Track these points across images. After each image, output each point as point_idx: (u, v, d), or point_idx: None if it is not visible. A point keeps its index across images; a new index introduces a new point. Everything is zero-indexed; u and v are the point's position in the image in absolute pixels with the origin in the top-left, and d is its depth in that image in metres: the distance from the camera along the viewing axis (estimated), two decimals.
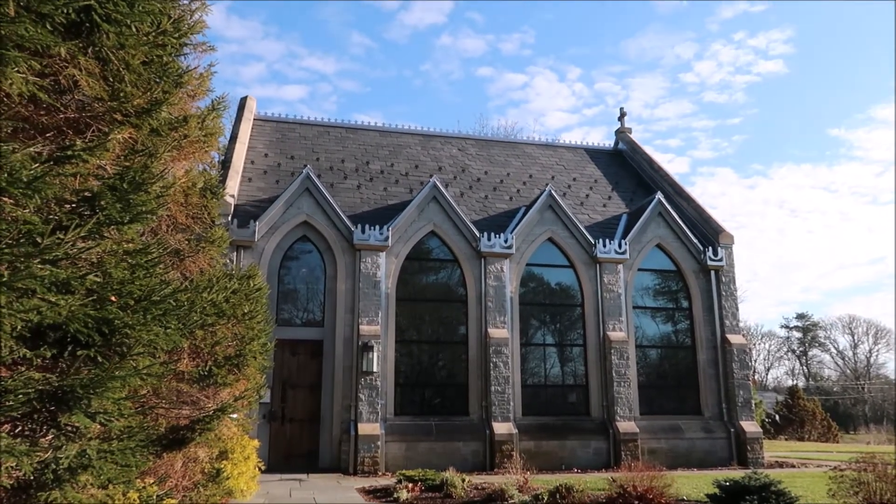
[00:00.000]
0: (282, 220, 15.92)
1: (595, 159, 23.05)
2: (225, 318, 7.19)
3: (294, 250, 16.21)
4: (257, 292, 8.22)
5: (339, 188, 18.12)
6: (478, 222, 17.75)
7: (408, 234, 16.57)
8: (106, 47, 4.35)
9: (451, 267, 17.02)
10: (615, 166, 22.95)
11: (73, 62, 4.27)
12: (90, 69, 4.39)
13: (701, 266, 18.22)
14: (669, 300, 18.46)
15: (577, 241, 17.57)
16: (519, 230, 17.21)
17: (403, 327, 16.28)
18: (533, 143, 23.69)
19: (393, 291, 16.11)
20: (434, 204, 16.93)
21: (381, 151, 20.58)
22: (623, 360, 16.79)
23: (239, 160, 17.65)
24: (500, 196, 19.47)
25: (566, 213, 17.62)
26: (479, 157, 21.59)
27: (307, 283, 16.15)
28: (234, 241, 14.84)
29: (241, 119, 19.65)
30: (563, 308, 17.66)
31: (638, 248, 17.98)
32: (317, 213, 16.13)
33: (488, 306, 16.44)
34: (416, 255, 16.80)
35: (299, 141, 20.25)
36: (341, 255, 16.03)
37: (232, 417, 8.78)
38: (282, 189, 16.97)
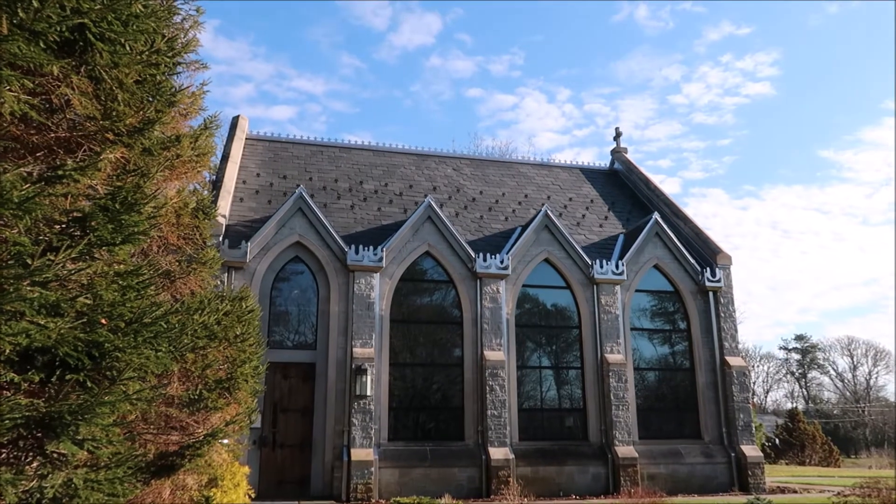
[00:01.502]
0: (274, 240, 15.89)
1: (591, 179, 23.17)
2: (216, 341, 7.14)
3: (286, 271, 16.16)
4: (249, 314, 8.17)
5: (333, 208, 18.13)
6: (473, 243, 17.77)
7: (402, 254, 16.56)
8: (99, 66, 4.35)
9: (447, 288, 16.98)
10: (611, 186, 23.06)
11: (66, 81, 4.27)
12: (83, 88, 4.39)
13: (699, 287, 18.25)
14: (667, 322, 18.45)
15: (573, 261, 17.59)
16: (515, 251, 17.22)
17: (398, 350, 16.20)
18: (528, 163, 23.82)
19: (387, 313, 16.05)
20: (429, 224, 16.95)
21: (375, 171, 20.63)
22: (621, 382, 16.73)
23: (231, 180, 17.65)
24: (496, 216, 19.52)
25: (562, 233, 17.67)
26: (474, 176, 21.68)
27: (299, 305, 16.07)
28: (226, 262, 14.79)
29: (233, 138, 19.68)
30: (560, 330, 17.62)
31: (635, 269, 18.01)
32: (310, 234, 16.11)
33: (484, 328, 16.39)
34: (411, 276, 16.77)
35: (292, 160, 20.29)
36: (334, 276, 15.98)
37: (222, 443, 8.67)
38: (274, 209, 16.97)
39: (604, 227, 20.12)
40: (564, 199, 21.32)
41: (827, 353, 63.92)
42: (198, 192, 9.22)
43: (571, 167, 23.85)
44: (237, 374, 7.61)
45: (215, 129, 8.47)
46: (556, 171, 23.29)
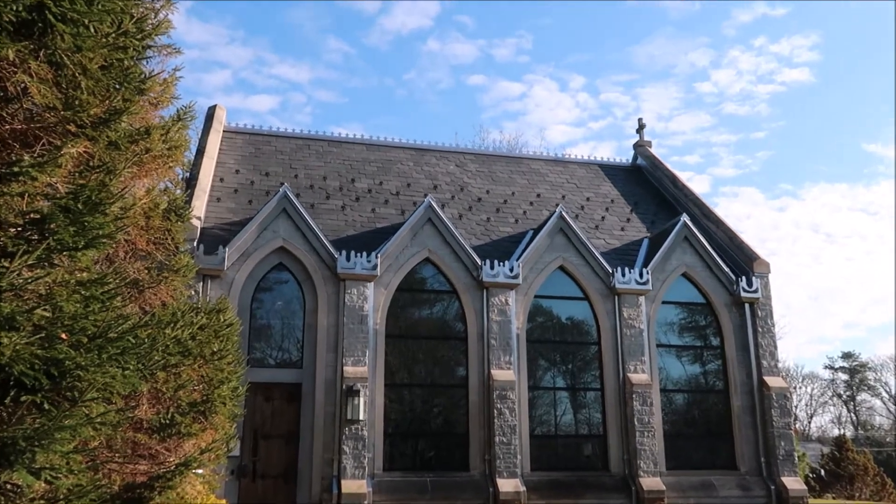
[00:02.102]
0: (255, 245, 15.92)
1: (611, 176, 23.20)
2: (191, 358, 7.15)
3: (268, 280, 16.18)
4: (228, 328, 8.19)
5: (321, 209, 18.16)
6: (479, 248, 17.78)
7: (399, 261, 16.58)
8: (60, 50, 4.38)
9: (449, 299, 16.98)
10: (634, 184, 23.08)
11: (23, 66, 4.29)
12: (42, 75, 4.42)
13: (733, 298, 18.24)
14: (698, 337, 18.42)
15: (592, 269, 17.59)
16: (526, 257, 17.24)
17: (394, 368, 16.19)
18: (540, 159, 23.86)
19: (382, 327, 16.06)
20: (429, 227, 16.97)
21: (369, 167, 20.67)
22: (646, 406, 16.71)
23: (206, 177, 17.70)
24: (504, 218, 19.54)
25: (579, 237, 17.68)
26: (480, 173, 21.72)
27: (283, 318, 16.09)
28: (201, 270, 14.82)
29: (209, 131, 19.75)
30: (577, 346, 17.59)
31: (661, 278, 18.01)
32: (295, 238, 16.14)
33: (491, 344, 16.39)
34: (409, 286, 16.77)
35: (275, 156, 20.34)
36: (323, 286, 16.00)
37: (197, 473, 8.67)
38: (255, 210, 17.01)
39: (626, 230, 20.12)
40: (581, 199, 21.33)
41: (878, 372, 63.76)
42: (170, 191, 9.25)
43: (589, 163, 23.87)
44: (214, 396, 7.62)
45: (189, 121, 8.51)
46: (572, 168, 23.32)
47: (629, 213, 21.10)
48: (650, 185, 23.14)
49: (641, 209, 21.44)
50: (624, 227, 20.22)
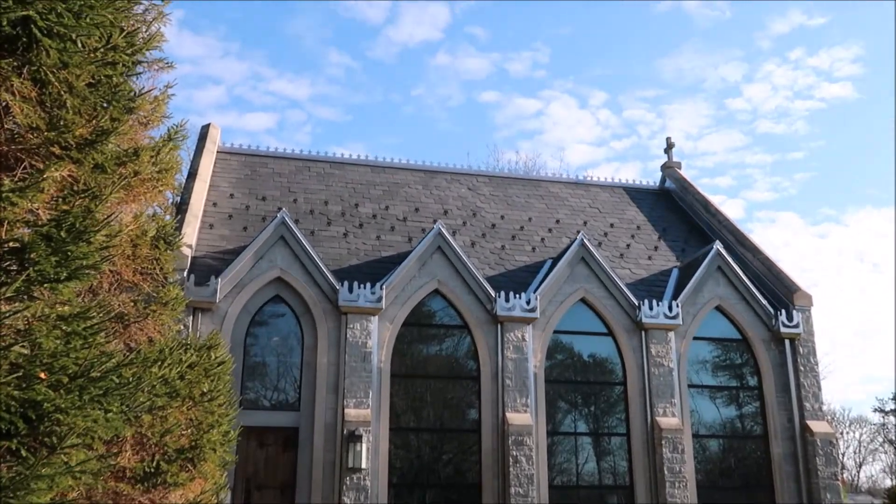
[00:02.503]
0: (250, 276, 15.96)
1: (637, 200, 23.20)
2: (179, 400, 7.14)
3: (264, 314, 16.19)
4: (219, 367, 8.18)
5: (322, 236, 18.22)
6: (493, 279, 17.77)
7: (406, 293, 16.57)
8: (45, 66, 4.44)
9: (460, 335, 16.93)
10: (662, 209, 23.06)
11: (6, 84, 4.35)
12: (25, 93, 4.47)
13: (772, 334, 18.11)
14: (733, 377, 18.26)
15: (616, 302, 17.53)
16: (544, 289, 17.20)
17: (400, 411, 16.10)
18: (560, 181, 23.91)
19: (387, 366, 16.01)
20: (439, 256, 16.99)
21: (373, 191, 20.77)
22: (677, 453, 16.52)
23: (198, 202, 17.82)
24: (521, 246, 19.54)
25: (603, 267, 17.65)
26: (494, 197, 21.77)
27: (279, 355, 16.06)
28: (191, 303, 14.85)
29: (201, 152, 19.92)
30: (600, 387, 17.47)
31: (693, 312, 17.92)
32: (293, 268, 16.18)
33: (506, 384, 16.29)
34: (417, 320, 16.74)
35: (272, 178, 20.48)
36: (323, 320, 15.99)
37: None
38: (250, 238, 17.08)
39: (653, 259, 20.07)
40: (605, 225, 21.33)
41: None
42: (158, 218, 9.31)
43: (613, 186, 23.90)
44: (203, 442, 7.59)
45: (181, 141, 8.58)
46: (595, 191, 23.35)
47: (657, 240, 21.05)
48: (680, 209, 23.11)
49: (670, 236, 21.39)
50: (651, 256, 20.17)
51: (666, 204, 23.44)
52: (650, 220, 22.16)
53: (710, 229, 21.66)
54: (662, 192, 24.23)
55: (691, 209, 22.87)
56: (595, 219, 21.67)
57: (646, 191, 24.07)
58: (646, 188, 24.25)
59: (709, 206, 22.35)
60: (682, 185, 23.79)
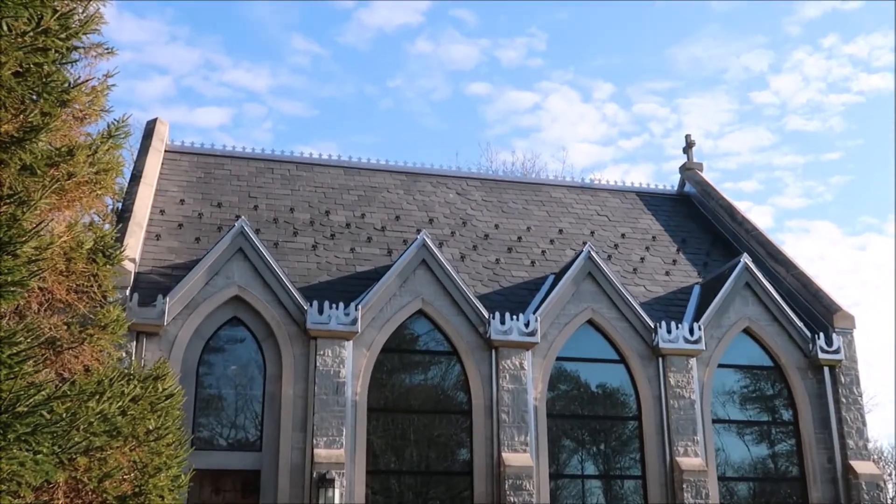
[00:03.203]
0: (203, 294, 15.89)
1: (652, 207, 23.30)
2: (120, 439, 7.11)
3: (220, 339, 16.11)
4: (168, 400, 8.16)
5: (287, 249, 18.19)
6: (486, 297, 17.77)
7: (385, 314, 16.54)
8: None
9: (448, 362, 16.89)
10: (680, 217, 23.14)
11: None
12: None
13: (809, 360, 18.17)
14: (764, 410, 18.29)
15: (629, 324, 17.55)
16: (546, 309, 17.21)
17: (378, 451, 16.04)
18: (563, 185, 23.99)
19: (363, 398, 15.96)
20: (423, 271, 16.98)
21: (347, 196, 20.77)
22: (700, 498, 16.54)
23: (143, 209, 17.77)
24: (518, 260, 19.57)
25: (613, 283, 17.68)
26: (487, 203, 21.81)
27: (238, 387, 15.98)
28: (134, 326, 14.78)
29: (147, 151, 19.88)
30: (611, 422, 17.47)
31: (717, 335, 17.96)
32: (254, 285, 16.13)
33: (502, 420, 16.27)
34: (398, 346, 16.70)
35: (229, 182, 20.45)
36: (288, 346, 15.94)
37: None
38: (204, 250, 17.03)
39: (671, 274, 20.13)
40: (615, 236, 21.39)
41: None
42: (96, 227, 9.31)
43: (624, 190, 23.99)
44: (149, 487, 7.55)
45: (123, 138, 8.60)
46: (603, 196, 23.43)
47: (675, 252, 21.12)
48: (701, 217, 23.20)
49: (691, 248, 21.46)
50: (669, 271, 20.23)
51: (685, 211, 23.53)
52: (667, 229, 22.24)
53: (736, 240, 21.75)
54: (681, 197, 24.33)
55: (714, 217, 22.96)
56: (604, 228, 21.72)
57: (662, 196, 24.16)
58: (662, 193, 24.35)
59: (735, 214, 22.46)
60: (703, 190, 23.89)
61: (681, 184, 24.77)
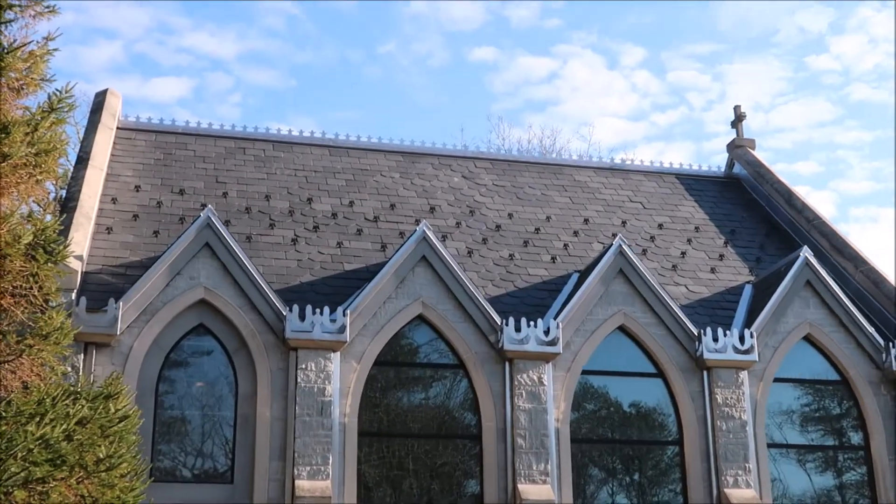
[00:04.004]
0: (163, 298, 15.87)
1: (695, 192, 23.24)
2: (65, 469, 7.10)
3: (183, 350, 16.10)
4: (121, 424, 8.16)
5: (262, 243, 18.17)
6: (498, 300, 17.75)
7: (379, 320, 16.52)
8: None
9: (454, 377, 16.89)
10: (728, 203, 23.10)
11: None
12: None
13: (882, 373, 18.12)
14: (829, 432, 18.26)
15: (668, 331, 17.52)
16: (569, 313, 17.17)
17: (371, 483, 16.05)
18: (589, 166, 23.93)
19: (353, 420, 15.95)
20: (423, 269, 16.94)
21: (334, 181, 20.74)
22: None
23: (92, 197, 17.76)
24: (536, 255, 19.54)
25: (649, 283, 17.64)
26: (499, 189, 21.77)
27: (204, 408, 15.98)
28: (82, 335, 14.75)
29: (95, 128, 19.85)
30: (647, 447, 17.47)
31: (773, 344, 17.92)
32: (223, 287, 16.11)
33: (518, 445, 16.26)
34: (394, 357, 16.70)
35: (193, 164, 20.43)
36: (264, 359, 15.92)
37: None
38: (164, 246, 17.03)
39: (718, 271, 20.09)
40: (650, 226, 21.35)
41: None
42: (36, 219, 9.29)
43: (662, 171, 23.94)
44: None
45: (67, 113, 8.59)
46: (637, 180, 23.38)
47: (723, 245, 21.07)
48: (754, 204, 23.16)
49: (741, 240, 21.42)
50: (715, 268, 20.19)
51: (734, 197, 23.48)
52: (713, 218, 22.20)
53: (794, 230, 21.72)
54: (729, 180, 24.28)
55: (769, 203, 22.91)
56: (638, 217, 21.69)
57: (706, 178, 24.10)
58: (706, 175, 24.29)
59: (793, 200, 22.40)
60: (756, 171, 23.83)
61: (728, 164, 24.73)
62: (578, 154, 28.50)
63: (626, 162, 24.38)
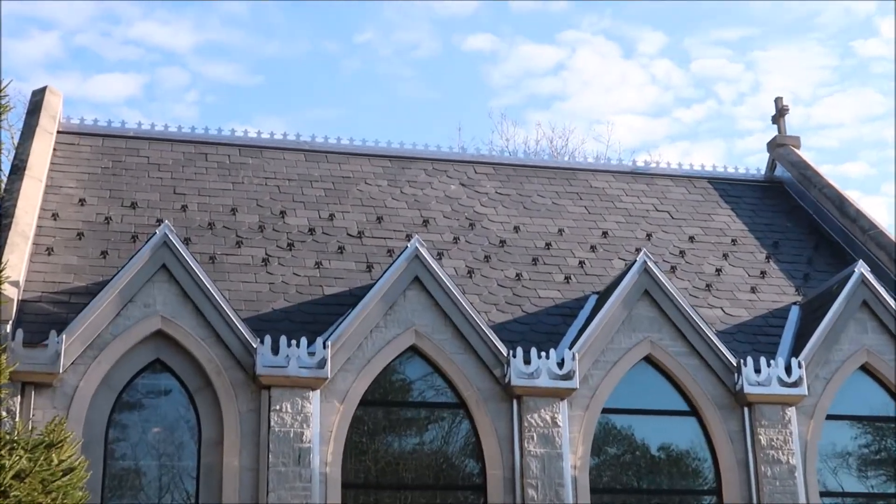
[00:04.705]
0: (113, 329, 15.84)
1: (731, 198, 23.27)
2: None
3: (137, 390, 16.07)
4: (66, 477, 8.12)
5: (228, 264, 18.16)
6: (504, 327, 17.74)
7: (365, 353, 16.49)
8: None
9: (453, 418, 16.90)
10: (771, 211, 23.15)
11: None
12: None
13: None
14: (892, 478, 18.23)
15: (702, 361, 17.50)
16: (587, 342, 17.16)
17: None
18: (608, 170, 24.00)
19: (336, 470, 15.92)
20: (416, 292, 16.93)
21: (310, 191, 20.75)
22: None
23: (29, 212, 17.75)
24: (547, 274, 19.54)
25: (679, 305, 17.63)
26: (503, 198, 21.79)
27: (162, 457, 15.97)
28: (19, 375, 14.74)
29: (32, 132, 19.85)
30: (679, 498, 17.53)
31: (825, 375, 17.91)
32: (183, 316, 16.08)
33: (529, 496, 16.23)
34: (382, 396, 16.71)
35: (147, 173, 20.41)
36: (232, 399, 15.89)
37: None
38: (114, 268, 17.00)
39: (759, 291, 20.09)
40: (680, 239, 21.36)
41: None
42: None
43: (691, 175, 23.97)
44: None
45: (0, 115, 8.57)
46: (663, 185, 23.41)
47: (764, 261, 21.10)
48: (799, 212, 23.20)
49: (786, 254, 21.45)
50: (756, 287, 20.19)
51: (776, 203, 23.53)
52: (752, 228, 22.22)
53: (848, 243, 21.74)
54: (770, 184, 24.33)
55: (817, 211, 22.92)
56: (665, 229, 21.71)
57: (744, 183, 24.16)
58: (744, 179, 24.35)
59: (845, 206, 22.43)
60: (801, 174, 23.85)
61: (769, 166, 24.78)
62: (595, 156, 28.58)
63: (651, 165, 24.38)
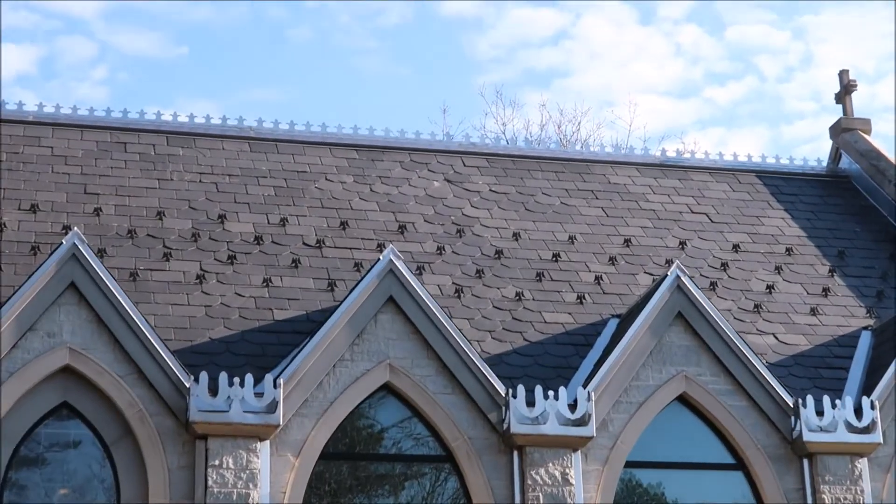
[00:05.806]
0: (8, 366, 15.81)
1: (784, 197, 23.34)
2: None
3: (39, 442, 16.06)
4: None
5: (154, 282, 18.16)
6: (501, 360, 17.76)
7: (326, 393, 16.51)
8: None
9: (436, 474, 16.97)
10: (835, 212, 23.25)
11: None
12: None
13: None
14: None
15: (750, 400, 17.56)
16: (605, 378, 17.18)
17: None
18: (630, 161, 24.10)
19: None
20: (391, 316, 16.95)
21: (257, 189, 20.77)
22: None
23: None
24: (555, 293, 19.58)
25: (721, 331, 17.67)
26: (500, 197, 21.84)
27: None
28: None
29: None
30: None
31: None
32: (97, 347, 16.07)
33: None
34: (349, 448, 16.81)
35: (50, 167, 20.42)
36: (159, 451, 15.88)
37: None
38: (9, 288, 17.00)
39: (821, 312, 20.15)
40: (722, 248, 21.42)
41: None
42: None
43: (734, 168, 24.06)
44: None
45: None
46: (699, 180, 23.49)
47: (827, 275, 21.18)
48: (872, 213, 23.30)
49: (854, 266, 21.54)
50: (816, 308, 20.26)
51: (842, 203, 23.63)
52: (812, 234, 22.31)
53: None
54: (835, 178, 24.45)
55: (894, 213, 22.99)
56: (703, 233, 21.79)
57: (801, 177, 24.28)
58: (801, 172, 24.48)
59: None
60: (874, 166, 23.90)
61: (833, 156, 24.89)
62: (613, 145, 28.56)
63: (684, 155, 24.39)
